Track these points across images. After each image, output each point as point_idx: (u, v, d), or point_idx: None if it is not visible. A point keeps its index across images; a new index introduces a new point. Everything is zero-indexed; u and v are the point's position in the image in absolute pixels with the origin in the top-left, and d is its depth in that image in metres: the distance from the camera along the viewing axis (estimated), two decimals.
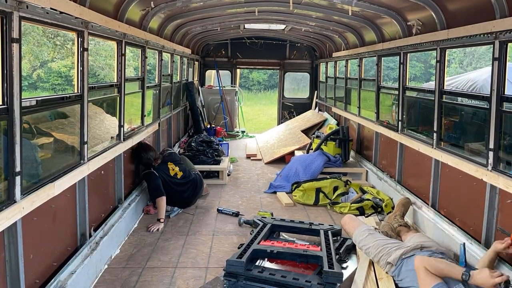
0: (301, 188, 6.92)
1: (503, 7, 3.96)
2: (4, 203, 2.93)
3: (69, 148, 4.16)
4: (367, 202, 6.42)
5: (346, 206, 6.42)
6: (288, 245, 4.51)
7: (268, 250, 4.34)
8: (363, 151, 8.62)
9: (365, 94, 8.53)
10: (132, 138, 5.75)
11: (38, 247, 3.46)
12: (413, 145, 5.92)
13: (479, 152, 4.59)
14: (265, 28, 11.40)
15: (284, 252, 4.34)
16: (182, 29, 8.70)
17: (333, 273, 3.93)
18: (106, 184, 5.08)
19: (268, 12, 8.22)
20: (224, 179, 7.87)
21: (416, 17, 5.78)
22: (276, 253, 4.33)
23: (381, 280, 4.16)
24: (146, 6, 5.91)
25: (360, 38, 8.44)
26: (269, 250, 4.34)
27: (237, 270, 4.01)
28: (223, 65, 13.78)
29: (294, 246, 4.52)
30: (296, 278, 3.94)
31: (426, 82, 21.76)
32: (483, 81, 12.04)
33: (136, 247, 5.04)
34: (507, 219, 4.01)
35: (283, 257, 4.35)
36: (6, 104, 2.91)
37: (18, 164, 3.03)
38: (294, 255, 4.32)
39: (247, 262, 4.10)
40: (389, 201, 6.43)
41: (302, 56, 13.85)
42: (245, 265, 4.03)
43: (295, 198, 6.92)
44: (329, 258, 4.19)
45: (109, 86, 5.39)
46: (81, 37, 4.07)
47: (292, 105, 14.02)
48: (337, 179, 7.00)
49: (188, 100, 11.22)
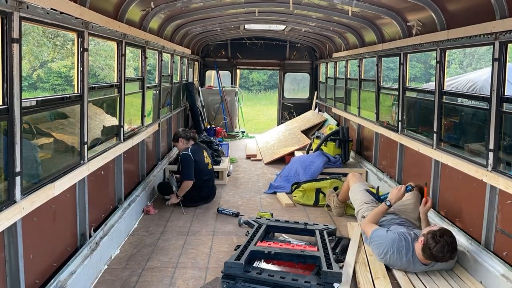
0: (301, 189, 6.92)
1: (503, 7, 3.96)
2: (4, 203, 2.93)
3: (69, 149, 4.16)
4: None
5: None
6: (285, 246, 4.49)
7: (265, 251, 4.33)
8: (363, 151, 8.62)
9: (365, 94, 8.53)
10: (132, 138, 5.75)
11: (38, 247, 3.46)
12: (413, 145, 5.92)
13: (479, 152, 4.59)
14: (265, 28, 11.42)
15: (281, 253, 4.33)
16: (182, 30, 8.70)
17: (332, 273, 3.93)
18: (106, 184, 5.08)
19: (268, 12, 8.23)
20: (224, 180, 7.86)
21: (416, 18, 5.78)
22: (274, 254, 4.32)
23: (377, 279, 4.16)
24: (146, 7, 5.91)
25: (360, 38, 8.44)
26: (266, 251, 4.33)
27: (235, 272, 4.00)
28: (223, 66, 13.78)
29: (291, 246, 4.51)
30: (295, 279, 3.94)
31: (426, 82, 21.76)
32: (483, 81, 12.05)
33: (136, 248, 5.04)
34: (507, 220, 4.01)
35: (280, 258, 4.34)
36: (6, 104, 2.91)
37: (18, 164, 3.03)
38: (292, 255, 4.31)
39: (245, 264, 4.09)
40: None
41: (302, 56, 13.85)
42: (243, 266, 4.02)
43: (295, 198, 6.92)
44: (326, 258, 4.20)
45: (109, 86, 5.39)
46: (81, 38, 4.07)
47: (292, 105, 14.03)
48: (337, 179, 7.00)
49: (188, 100, 11.22)
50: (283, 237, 5.33)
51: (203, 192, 6.55)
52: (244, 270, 4.02)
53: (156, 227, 5.70)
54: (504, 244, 4.01)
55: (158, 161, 7.66)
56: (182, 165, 6.39)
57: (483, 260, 4.12)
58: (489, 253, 4.11)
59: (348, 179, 5.98)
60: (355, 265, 4.44)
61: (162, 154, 8.09)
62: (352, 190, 5.73)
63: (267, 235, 5.14)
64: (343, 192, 6.11)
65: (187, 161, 6.31)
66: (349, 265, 4.42)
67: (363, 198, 5.43)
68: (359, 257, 4.64)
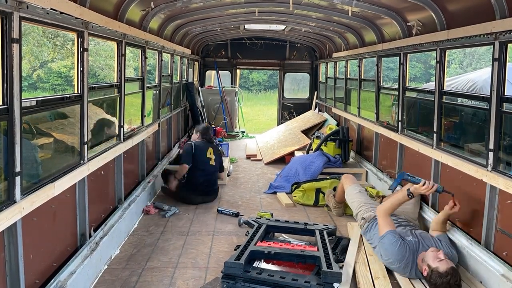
0: (301, 189, 6.92)
1: (503, 7, 3.96)
2: (4, 203, 2.93)
3: (69, 149, 4.16)
4: None
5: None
6: (285, 246, 4.49)
7: (265, 251, 4.33)
8: (363, 151, 8.62)
9: (365, 94, 8.53)
10: (132, 138, 5.75)
11: (38, 247, 3.46)
12: (413, 145, 5.92)
13: (479, 152, 4.59)
14: (265, 28, 11.42)
15: (281, 253, 4.33)
16: (182, 30, 8.70)
17: (332, 273, 3.93)
18: (106, 184, 5.08)
19: (268, 12, 8.23)
20: (224, 180, 7.86)
21: (416, 18, 5.78)
22: (274, 254, 4.31)
23: (377, 279, 4.17)
24: (146, 7, 5.91)
25: (360, 38, 8.44)
26: (266, 251, 4.33)
27: (235, 272, 3.99)
28: (223, 66, 13.78)
29: (291, 246, 4.51)
30: (295, 279, 3.94)
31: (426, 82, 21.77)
32: (483, 81, 12.06)
33: (136, 248, 5.04)
34: (507, 220, 4.01)
35: (280, 258, 4.34)
36: (6, 105, 2.91)
37: (18, 164, 3.03)
38: (292, 255, 4.31)
39: (245, 264, 4.09)
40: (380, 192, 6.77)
41: (302, 56, 13.85)
42: (243, 266, 4.02)
43: (295, 198, 6.92)
44: (326, 258, 4.20)
45: (109, 86, 5.39)
46: (81, 38, 4.07)
47: (292, 105, 14.03)
48: (337, 179, 7.00)
49: (188, 100, 11.22)
50: (283, 237, 5.33)
51: (200, 180, 6.71)
52: (244, 270, 4.02)
53: (156, 227, 5.70)
54: (504, 244, 4.01)
55: (158, 161, 7.66)
56: (182, 152, 7.03)
57: (483, 260, 4.12)
58: (489, 253, 4.11)
59: (342, 181, 6.00)
60: (355, 265, 4.44)
61: (162, 154, 8.10)
62: (347, 193, 5.75)
63: (267, 235, 5.14)
64: (338, 193, 6.12)
65: (187, 148, 6.86)
66: (349, 265, 4.42)
67: (360, 200, 5.42)
68: (359, 257, 4.65)
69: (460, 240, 4.55)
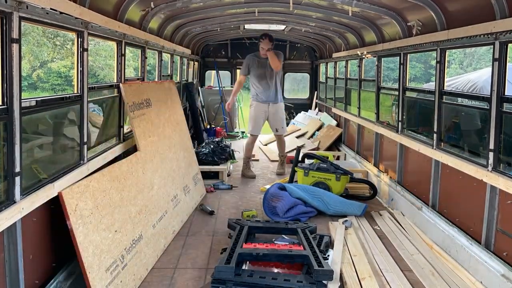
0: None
1: (504, 7, 3.96)
2: (4, 204, 2.93)
3: (68, 149, 4.16)
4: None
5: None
6: (270, 246, 4.45)
7: (253, 253, 4.27)
8: (363, 151, 8.61)
9: (365, 94, 8.53)
10: (132, 138, 5.74)
11: (38, 248, 3.46)
12: (413, 145, 5.92)
13: (479, 153, 4.59)
14: (265, 28, 11.40)
15: (269, 254, 4.27)
16: (182, 30, 8.70)
17: (324, 271, 3.93)
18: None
19: (268, 12, 8.23)
20: (224, 180, 7.85)
21: (416, 18, 5.78)
22: (262, 255, 4.27)
23: (364, 280, 4.16)
24: (146, 7, 5.91)
25: (360, 38, 8.44)
26: (254, 253, 4.27)
27: (226, 276, 3.92)
28: (223, 66, 13.77)
29: (277, 246, 4.48)
30: (287, 279, 3.92)
31: (426, 82, 21.77)
32: (483, 81, 12.08)
33: None
34: (507, 220, 4.00)
35: (269, 259, 4.28)
36: (6, 105, 2.91)
37: (18, 164, 3.03)
38: (280, 256, 4.27)
39: (235, 267, 4.03)
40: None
41: (302, 56, 13.84)
42: (235, 270, 3.97)
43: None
44: (315, 256, 4.20)
45: (109, 86, 5.39)
46: (81, 38, 4.07)
47: (292, 105, 14.02)
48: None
49: (188, 100, 11.21)
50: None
51: None
52: (235, 273, 3.96)
53: None
54: (504, 244, 4.01)
55: None
56: None
57: (483, 260, 4.12)
58: (489, 253, 4.11)
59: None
60: (341, 265, 4.43)
61: None
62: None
63: (249, 237, 5.05)
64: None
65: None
66: (335, 262, 4.43)
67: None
68: (344, 257, 4.64)
69: (460, 240, 4.55)
